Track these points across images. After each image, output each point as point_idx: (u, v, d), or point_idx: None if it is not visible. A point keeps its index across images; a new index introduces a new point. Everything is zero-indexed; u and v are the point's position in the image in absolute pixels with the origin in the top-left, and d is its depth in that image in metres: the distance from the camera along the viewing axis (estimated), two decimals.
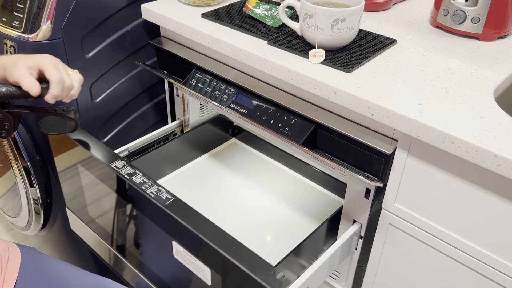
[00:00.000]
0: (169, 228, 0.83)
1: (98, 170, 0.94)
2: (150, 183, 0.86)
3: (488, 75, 0.83)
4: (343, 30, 0.84)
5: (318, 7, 0.83)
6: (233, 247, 0.73)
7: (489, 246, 0.74)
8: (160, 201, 0.82)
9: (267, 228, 1.11)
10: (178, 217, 0.78)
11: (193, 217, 0.79)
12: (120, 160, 0.92)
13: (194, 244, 0.78)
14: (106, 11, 1.05)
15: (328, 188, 1.22)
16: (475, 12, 0.93)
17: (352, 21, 0.84)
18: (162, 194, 0.84)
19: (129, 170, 0.89)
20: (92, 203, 1.06)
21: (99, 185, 0.98)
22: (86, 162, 0.97)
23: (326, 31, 0.84)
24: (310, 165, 1.23)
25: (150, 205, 0.84)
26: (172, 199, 0.83)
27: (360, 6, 0.84)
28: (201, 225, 0.77)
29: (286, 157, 1.29)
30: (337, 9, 0.83)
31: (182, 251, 0.81)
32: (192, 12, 1.06)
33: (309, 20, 0.85)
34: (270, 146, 1.31)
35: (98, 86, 1.11)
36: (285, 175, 1.28)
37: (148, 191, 0.84)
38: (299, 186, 1.24)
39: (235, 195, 1.20)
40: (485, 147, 0.65)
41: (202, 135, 1.30)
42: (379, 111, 0.75)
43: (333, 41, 0.86)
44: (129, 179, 0.87)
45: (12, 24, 0.98)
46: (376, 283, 0.96)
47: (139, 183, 0.86)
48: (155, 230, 0.87)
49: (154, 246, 0.92)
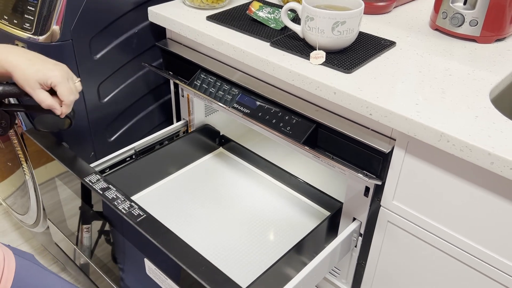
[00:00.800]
0: (141, 245, 0.82)
1: (74, 184, 0.94)
2: (123, 198, 0.85)
3: (484, 77, 0.85)
4: (343, 33, 0.87)
5: (319, 10, 0.85)
6: (202, 267, 0.72)
7: (485, 243, 0.76)
8: (132, 218, 0.80)
9: (251, 240, 1.09)
10: (148, 234, 0.77)
11: (164, 235, 0.77)
12: (95, 175, 0.91)
13: (164, 263, 0.77)
14: (113, 13, 1.08)
15: (313, 200, 1.21)
16: (473, 15, 0.95)
17: (352, 24, 0.86)
18: (134, 210, 0.82)
19: (103, 184, 0.88)
20: (71, 217, 1.05)
21: (76, 199, 0.97)
22: (63, 176, 0.96)
23: (326, 33, 0.87)
24: (295, 176, 1.22)
25: (122, 222, 0.82)
26: (144, 215, 0.81)
27: (360, 9, 0.87)
28: (172, 243, 0.76)
29: (271, 167, 1.27)
30: (338, 12, 0.86)
31: (154, 269, 0.80)
32: (197, 14, 1.09)
33: (310, 23, 0.87)
34: (256, 157, 1.30)
35: (105, 86, 1.14)
36: (270, 186, 1.26)
37: (120, 207, 0.82)
38: (283, 197, 1.23)
39: (220, 206, 1.19)
40: (479, 146, 0.67)
41: (189, 144, 1.30)
42: (377, 111, 0.77)
43: (334, 43, 0.88)
44: (102, 194, 0.86)
45: (23, 26, 1.01)
46: (376, 280, 0.98)
47: (111, 198, 0.85)
48: (128, 246, 0.87)
49: (129, 262, 0.91)
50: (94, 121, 1.15)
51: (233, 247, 1.07)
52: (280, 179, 1.27)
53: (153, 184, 1.25)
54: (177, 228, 1.12)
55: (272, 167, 1.27)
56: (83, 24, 1.02)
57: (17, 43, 1.02)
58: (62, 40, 1.00)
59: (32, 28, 1.00)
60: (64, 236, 1.14)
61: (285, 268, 0.89)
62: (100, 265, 1.05)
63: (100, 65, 1.10)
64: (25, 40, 1.01)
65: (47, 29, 0.99)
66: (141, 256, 0.82)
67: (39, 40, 0.99)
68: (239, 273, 1.01)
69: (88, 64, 1.07)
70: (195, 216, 1.15)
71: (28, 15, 1.00)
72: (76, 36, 1.02)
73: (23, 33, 1.01)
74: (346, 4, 0.92)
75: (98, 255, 1.04)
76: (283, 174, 1.25)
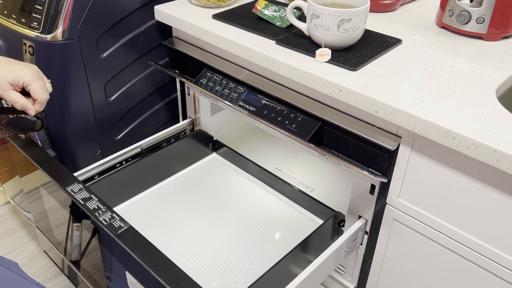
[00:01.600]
0: (122, 258, 0.80)
1: (58, 195, 0.92)
2: (104, 209, 0.83)
3: (491, 74, 0.85)
4: (349, 30, 0.87)
5: (325, 8, 0.85)
6: (182, 282, 0.70)
7: (491, 240, 0.76)
8: (112, 230, 0.78)
9: (242, 247, 1.08)
10: (128, 247, 0.75)
11: (144, 247, 0.75)
12: (77, 184, 0.89)
13: (144, 277, 0.75)
14: (120, 12, 1.08)
15: (306, 208, 1.19)
16: (480, 12, 0.95)
17: (357, 21, 0.86)
18: (115, 221, 0.80)
19: (84, 194, 0.86)
20: (57, 227, 1.04)
21: (60, 209, 0.95)
22: (47, 186, 0.95)
23: (332, 31, 0.87)
24: (289, 184, 1.20)
25: (103, 233, 0.81)
26: (125, 227, 0.79)
27: (366, 7, 0.87)
28: (151, 256, 0.74)
29: (264, 174, 1.26)
30: (343, 9, 0.85)
31: (135, 282, 0.79)
32: (203, 13, 1.10)
33: (316, 21, 0.87)
34: (249, 163, 1.29)
35: (112, 85, 1.15)
36: (262, 192, 1.25)
37: (101, 218, 0.81)
38: (276, 204, 1.21)
39: (212, 212, 1.18)
40: (485, 143, 0.67)
41: (182, 149, 1.28)
42: (383, 108, 0.77)
43: (339, 40, 0.88)
44: (83, 205, 0.84)
45: (31, 25, 1.02)
46: (381, 278, 0.98)
47: (93, 209, 0.83)
48: (110, 259, 0.85)
49: (113, 275, 0.90)
50: (101, 119, 1.16)
51: (225, 255, 1.05)
52: (273, 186, 1.25)
53: (146, 190, 1.24)
54: (166, 237, 1.10)
55: (265, 173, 1.25)
56: (90, 23, 1.03)
57: (25, 42, 1.03)
58: (69, 38, 1.01)
59: (39, 27, 1.01)
60: (52, 245, 1.13)
61: (290, 265, 0.90)
62: (87, 276, 1.05)
63: (107, 64, 1.11)
64: (33, 39, 1.02)
65: (54, 28, 1.00)
66: (122, 269, 0.81)
67: (46, 39, 1.00)
68: (228, 284, 0.99)
69: (95, 63, 1.08)
70: (186, 223, 1.13)
71: (35, 14, 1.01)
72: (83, 35, 1.03)
73: (31, 32, 1.02)
74: (352, 2, 0.92)
75: (85, 266, 1.03)
76: (277, 181, 1.23)
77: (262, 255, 1.06)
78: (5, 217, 1.62)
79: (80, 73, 1.06)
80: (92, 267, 0.99)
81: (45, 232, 1.12)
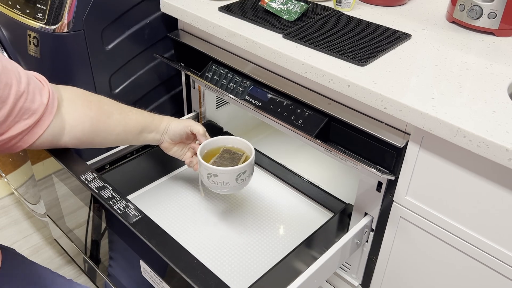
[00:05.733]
0: (136, 247, 0.80)
1: (71, 182, 0.91)
2: (119, 198, 0.82)
3: (503, 71, 0.83)
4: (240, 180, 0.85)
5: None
6: (197, 271, 0.70)
7: (499, 240, 0.75)
8: (127, 218, 0.78)
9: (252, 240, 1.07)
10: (143, 236, 0.75)
11: (159, 236, 0.75)
12: (91, 173, 0.88)
13: (159, 265, 0.75)
14: (125, 4, 1.07)
15: (316, 200, 1.18)
16: (492, 7, 0.93)
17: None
18: (129, 210, 0.79)
19: (98, 183, 0.85)
20: (68, 214, 1.04)
21: (72, 197, 0.95)
22: (59, 173, 0.95)
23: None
24: (299, 175, 1.19)
25: (117, 222, 0.80)
26: (139, 216, 0.78)
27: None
28: (167, 245, 0.74)
29: (273, 165, 1.25)
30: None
31: (149, 271, 0.79)
32: (210, 5, 1.08)
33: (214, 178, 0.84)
34: (259, 154, 1.26)
35: (117, 77, 1.14)
36: (273, 184, 1.24)
37: (115, 207, 0.80)
38: (286, 196, 1.20)
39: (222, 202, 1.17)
40: (497, 141, 0.65)
41: None
42: (392, 105, 0.76)
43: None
44: (98, 193, 0.83)
45: (35, 16, 1.01)
46: (386, 275, 0.97)
47: (107, 197, 0.82)
48: (124, 247, 0.85)
49: (126, 263, 0.89)
50: None
51: (236, 244, 1.05)
52: (283, 178, 1.25)
53: (155, 181, 1.24)
54: (178, 226, 1.10)
55: (275, 165, 1.25)
56: (95, 14, 1.02)
57: (30, 33, 1.02)
58: (74, 30, 1.00)
59: (44, 18, 1.00)
60: (62, 233, 1.13)
61: (295, 262, 0.89)
62: (98, 264, 1.05)
63: (112, 56, 1.10)
64: (37, 30, 1.01)
65: (59, 19, 0.99)
66: (136, 258, 0.81)
67: (51, 30, 0.99)
68: (239, 275, 0.99)
69: (100, 55, 1.07)
70: (197, 213, 1.13)
71: (40, 5, 1.00)
72: (88, 26, 1.02)
73: (36, 23, 1.01)
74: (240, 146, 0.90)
75: (96, 254, 1.03)
76: (287, 173, 1.22)
77: (273, 247, 1.05)
78: (9, 208, 1.62)
79: (84, 65, 1.05)
80: (103, 255, 1.00)
81: (56, 220, 1.12)
